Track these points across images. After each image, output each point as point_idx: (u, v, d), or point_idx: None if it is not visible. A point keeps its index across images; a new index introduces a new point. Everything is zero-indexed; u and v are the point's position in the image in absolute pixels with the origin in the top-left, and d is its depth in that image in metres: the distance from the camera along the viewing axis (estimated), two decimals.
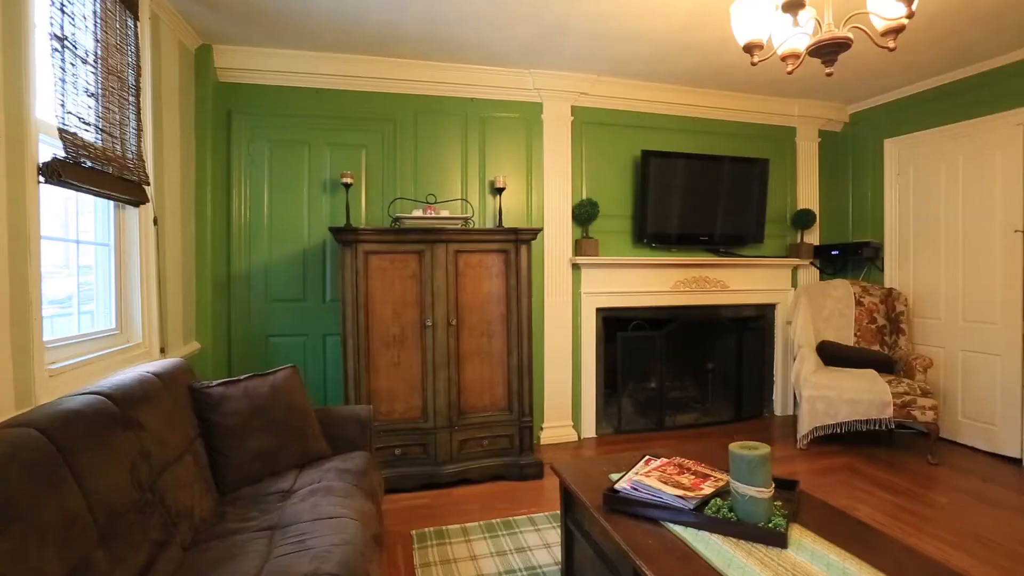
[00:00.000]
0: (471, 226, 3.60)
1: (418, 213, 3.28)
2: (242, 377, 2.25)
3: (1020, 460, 3.50)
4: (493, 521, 2.73)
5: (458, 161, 3.78)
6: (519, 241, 3.26)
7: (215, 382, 2.19)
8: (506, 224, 3.73)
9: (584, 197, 3.99)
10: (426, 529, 2.66)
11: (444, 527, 2.68)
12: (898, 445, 3.84)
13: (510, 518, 2.76)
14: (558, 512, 2.30)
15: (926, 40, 3.28)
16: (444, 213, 3.33)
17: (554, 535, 2.56)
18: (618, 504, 1.69)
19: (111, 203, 2.34)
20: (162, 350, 2.63)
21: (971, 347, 3.79)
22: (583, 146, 4.02)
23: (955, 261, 3.89)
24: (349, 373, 3.04)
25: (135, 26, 2.36)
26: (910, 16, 1.81)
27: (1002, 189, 3.60)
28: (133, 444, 1.55)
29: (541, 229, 3.47)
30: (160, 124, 2.68)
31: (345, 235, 3.01)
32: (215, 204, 3.28)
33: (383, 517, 2.40)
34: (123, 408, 1.59)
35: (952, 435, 3.87)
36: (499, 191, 3.61)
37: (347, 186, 3.32)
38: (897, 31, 1.91)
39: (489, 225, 3.80)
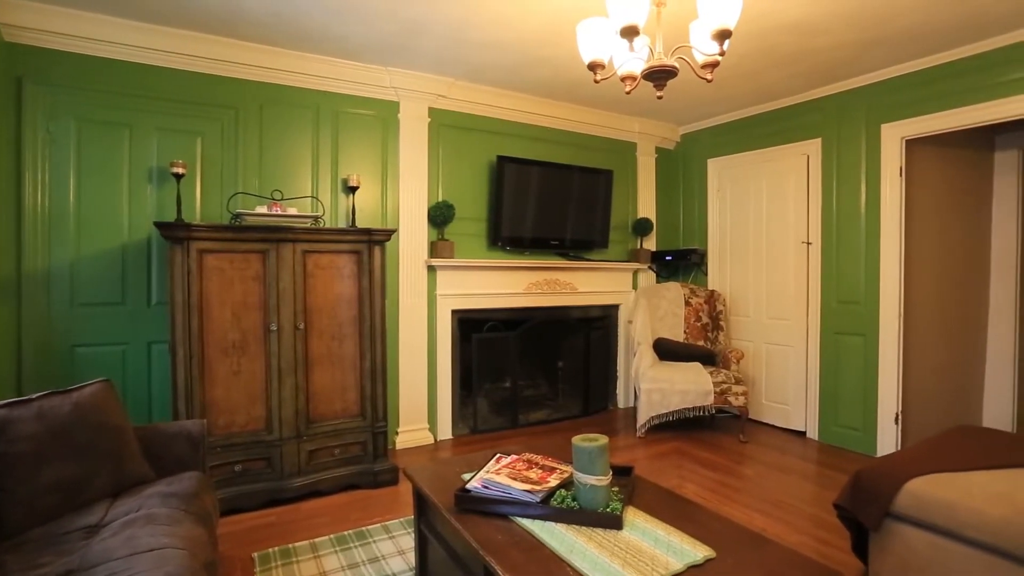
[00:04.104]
0: (322, 225, 3.42)
1: (262, 210, 3.05)
2: (35, 396, 1.90)
3: (804, 432, 4.20)
4: (345, 533, 2.62)
5: (308, 156, 3.57)
6: (372, 242, 3.17)
7: None
8: (360, 224, 3.60)
9: (440, 199, 3.99)
10: (270, 549, 2.47)
11: (291, 545, 2.51)
12: (718, 428, 4.38)
13: (363, 528, 2.67)
14: (413, 517, 2.27)
15: (737, 77, 3.79)
16: (292, 211, 3.12)
17: (409, 541, 2.52)
18: (469, 503, 1.71)
19: None
20: None
21: (772, 340, 4.45)
22: (440, 148, 4.03)
23: (761, 267, 4.54)
24: (179, 385, 2.73)
25: None
26: (722, 54, 2.08)
27: (793, 207, 4.28)
28: None
29: (396, 230, 3.40)
30: None
31: (175, 231, 2.69)
32: None
33: (218, 542, 2.18)
34: None
35: (758, 416, 4.51)
36: (353, 190, 3.48)
37: (178, 177, 2.97)
38: (713, 65, 2.18)
39: (341, 225, 3.64)
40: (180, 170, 2.96)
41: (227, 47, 3.23)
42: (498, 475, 1.80)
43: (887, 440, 3.69)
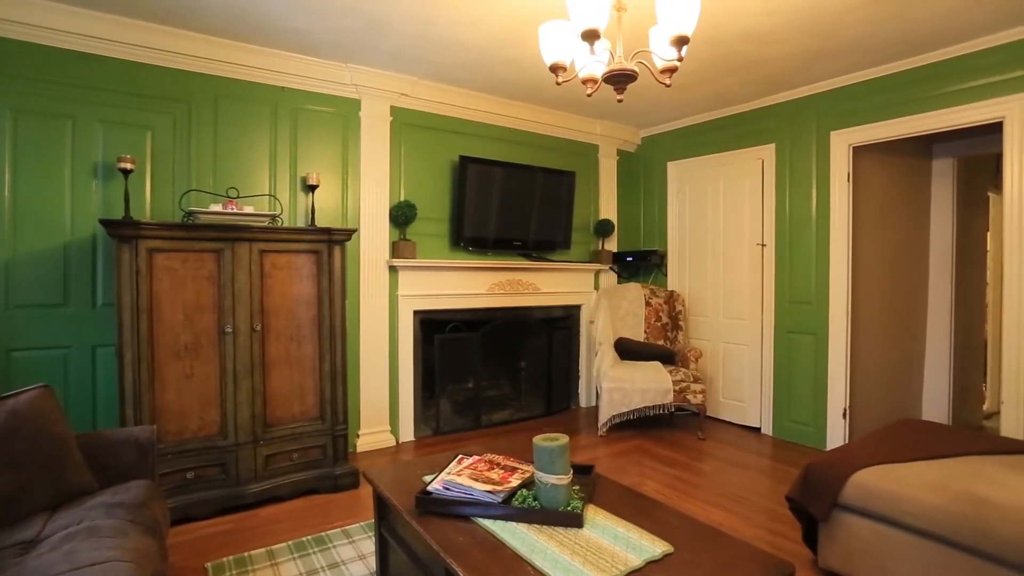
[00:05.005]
0: (279, 224, 3.34)
1: (217, 208, 2.95)
2: None
3: (759, 429, 4.34)
4: (304, 539, 2.57)
5: (266, 154, 3.48)
6: (332, 241, 3.11)
7: None
8: (319, 223, 3.53)
9: (402, 199, 3.95)
10: (225, 559, 2.39)
11: (247, 553, 2.44)
12: (677, 425, 4.48)
13: (323, 533, 2.62)
14: (373, 521, 2.24)
15: (695, 83, 3.89)
16: (248, 209, 3.04)
17: (369, 545, 2.49)
18: (430, 505, 1.70)
19: None
20: None
21: (729, 339, 4.58)
22: (402, 147, 3.99)
23: (718, 268, 4.67)
24: (127, 389, 2.61)
25: None
26: (680, 60, 2.12)
27: (749, 210, 4.42)
28: None
29: (356, 230, 3.34)
30: None
31: (122, 229, 2.58)
32: None
33: (168, 553, 2.10)
34: None
35: (715, 413, 4.63)
36: (312, 188, 3.40)
37: (126, 172, 2.84)
38: (672, 71, 2.22)
39: (300, 224, 3.56)
40: (128, 165, 2.83)
41: (179, 39, 3.12)
42: (459, 476, 1.79)
43: (836, 434, 3.85)
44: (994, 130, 3.30)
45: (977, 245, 4.61)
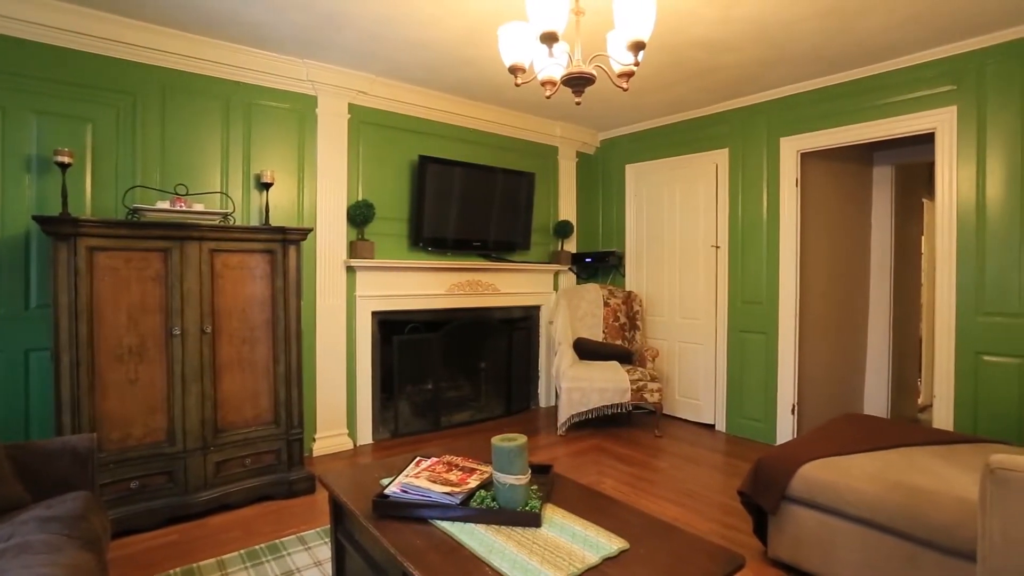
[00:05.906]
0: (232, 223, 3.23)
1: (164, 205, 2.83)
2: None
3: (713, 425, 4.46)
4: (257, 547, 2.49)
5: (217, 150, 3.36)
6: (287, 241, 3.03)
7: None
8: (274, 222, 3.43)
9: (360, 198, 3.89)
10: (171, 570, 2.30)
11: (195, 564, 2.35)
12: (634, 424, 4.56)
13: (277, 541, 2.55)
14: (330, 527, 2.20)
15: (652, 88, 3.97)
16: (198, 207, 2.93)
17: (326, 551, 2.43)
18: (388, 509, 1.68)
19: None
20: None
21: (685, 339, 4.69)
22: (360, 146, 3.92)
23: (674, 269, 4.78)
24: (64, 396, 2.48)
25: None
26: (637, 64, 2.17)
27: (704, 212, 4.54)
28: None
29: (312, 229, 3.28)
30: None
31: (60, 226, 2.44)
32: None
33: (109, 567, 2.00)
34: None
35: (672, 411, 4.74)
36: (266, 186, 3.31)
37: (64, 166, 2.69)
38: (629, 75, 2.26)
39: (254, 223, 3.46)
40: (66, 159, 2.68)
41: (124, 27, 2.98)
42: (417, 479, 1.78)
43: (785, 429, 3.99)
44: (927, 140, 3.50)
45: (913, 248, 4.88)
